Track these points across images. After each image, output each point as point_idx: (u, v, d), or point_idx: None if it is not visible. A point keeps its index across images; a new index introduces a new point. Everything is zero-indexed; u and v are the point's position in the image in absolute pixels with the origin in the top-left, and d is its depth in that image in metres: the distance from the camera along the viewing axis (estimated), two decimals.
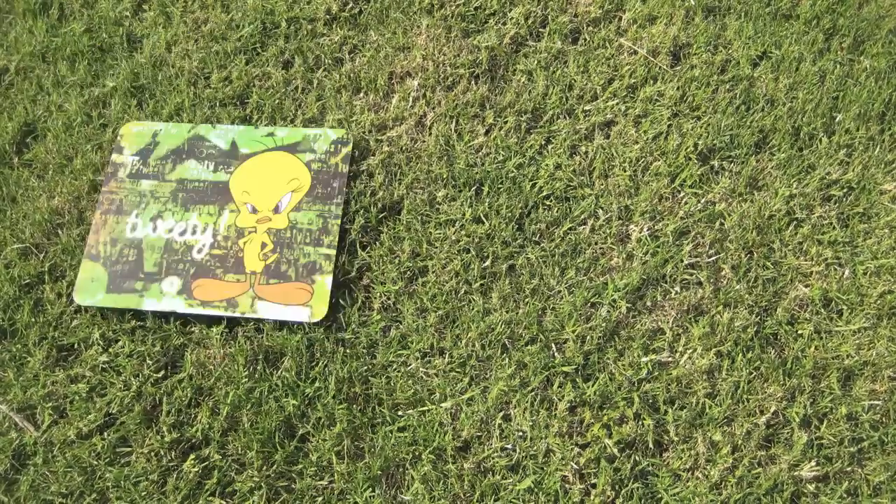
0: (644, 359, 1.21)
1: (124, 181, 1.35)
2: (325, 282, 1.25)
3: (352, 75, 1.50)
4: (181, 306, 1.24)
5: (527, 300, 1.26)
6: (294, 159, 1.36)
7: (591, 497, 1.12)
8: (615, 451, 1.14)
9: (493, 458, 1.15)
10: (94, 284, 1.26)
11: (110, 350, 1.24)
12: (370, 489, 1.13)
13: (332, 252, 1.27)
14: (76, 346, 1.25)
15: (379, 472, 1.14)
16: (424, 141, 1.42)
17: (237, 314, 1.23)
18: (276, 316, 1.23)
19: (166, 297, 1.24)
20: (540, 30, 1.55)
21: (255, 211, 1.31)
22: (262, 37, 1.56)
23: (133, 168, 1.36)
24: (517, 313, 1.25)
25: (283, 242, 1.28)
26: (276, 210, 1.30)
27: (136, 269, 1.27)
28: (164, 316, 1.25)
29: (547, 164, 1.38)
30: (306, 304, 1.24)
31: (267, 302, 1.24)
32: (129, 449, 1.17)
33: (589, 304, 1.26)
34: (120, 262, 1.28)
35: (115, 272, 1.27)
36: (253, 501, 1.12)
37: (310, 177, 1.34)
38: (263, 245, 1.28)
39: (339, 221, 1.30)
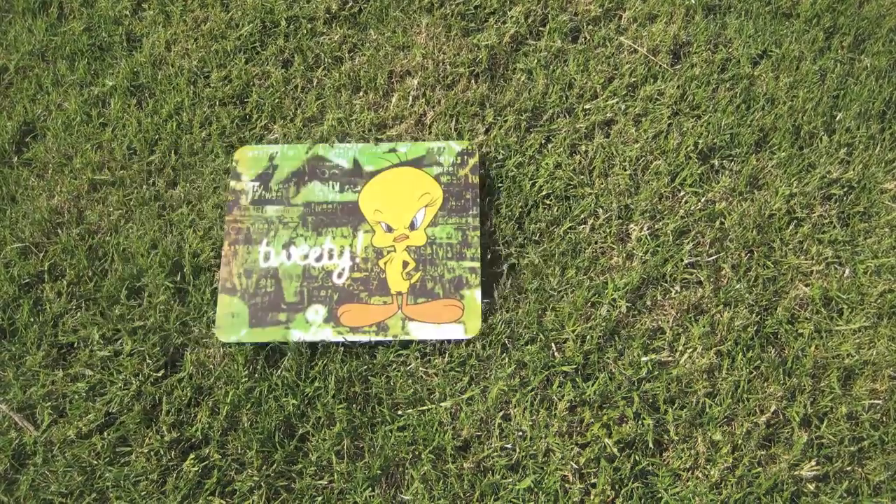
0: (644, 358, 1.21)
1: (248, 209, 1.31)
2: (474, 296, 1.23)
3: (351, 74, 1.50)
4: (329, 335, 1.21)
5: (527, 299, 1.26)
6: (422, 174, 1.33)
7: (591, 497, 1.12)
8: (615, 450, 1.14)
9: (492, 458, 1.14)
10: (235, 320, 1.22)
11: (110, 349, 1.24)
12: (370, 489, 1.13)
13: (477, 265, 1.24)
14: (76, 344, 1.25)
15: (379, 472, 1.14)
16: (424, 140, 1.42)
17: (389, 338, 1.20)
18: (429, 336, 1.20)
19: (313, 327, 1.21)
20: (540, 28, 1.54)
21: (390, 230, 1.28)
22: (262, 36, 1.56)
23: (255, 194, 1.32)
24: (517, 313, 1.25)
25: (425, 259, 1.25)
26: (412, 227, 1.28)
27: (276, 301, 1.24)
28: (313, 346, 1.23)
29: (547, 163, 1.38)
30: (459, 321, 1.21)
31: (418, 322, 1.21)
32: (128, 448, 1.17)
33: (589, 304, 1.26)
34: (259, 295, 1.24)
35: (254, 305, 1.23)
36: (252, 501, 1.12)
37: (441, 191, 1.31)
38: (405, 264, 1.25)
39: (478, 233, 1.27)
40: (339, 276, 1.25)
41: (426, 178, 1.32)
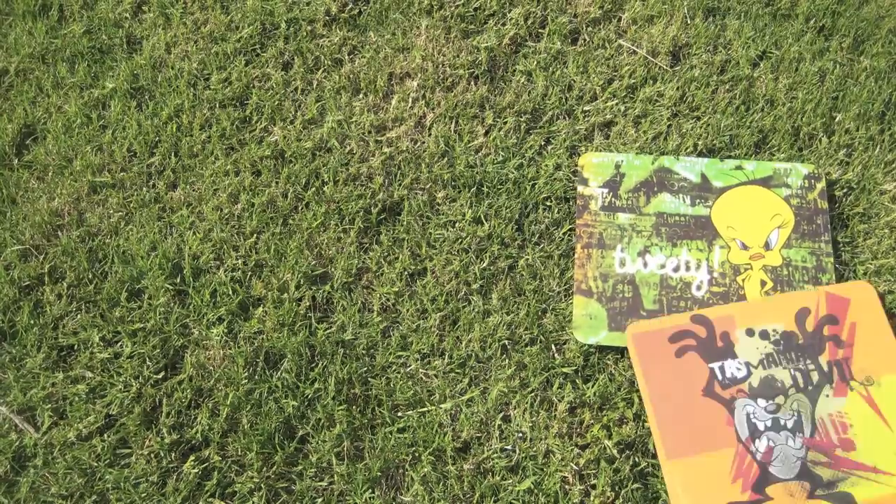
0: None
1: (598, 214, 1.31)
2: None
3: (351, 76, 1.50)
4: None
5: (527, 301, 1.26)
6: (770, 194, 1.32)
7: (591, 498, 1.12)
8: (615, 451, 1.14)
9: (492, 459, 1.15)
10: (593, 322, 1.22)
11: (110, 351, 1.24)
12: (370, 490, 1.13)
13: None
14: (76, 347, 1.25)
15: (379, 474, 1.14)
16: (424, 142, 1.42)
17: None
18: None
19: None
20: (539, 30, 1.55)
21: (745, 247, 1.27)
22: (262, 38, 1.56)
23: (604, 201, 1.32)
24: (517, 315, 1.25)
25: (782, 280, 1.25)
26: (767, 247, 1.27)
27: (635, 307, 1.24)
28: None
29: (546, 165, 1.38)
30: None
31: None
32: (128, 450, 1.17)
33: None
34: (616, 299, 1.24)
35: (612, 309, 1.24)
36: (253, 502, 1.12)
37: (792, 213, 1.30)
38: (763, 283, 1.24)
39: (831, 259, 1.27)
40: (699, 288, 1.25)
41: (776, 198, 1.32)
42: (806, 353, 1.16)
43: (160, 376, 1.22)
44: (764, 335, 1.17)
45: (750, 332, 1.18)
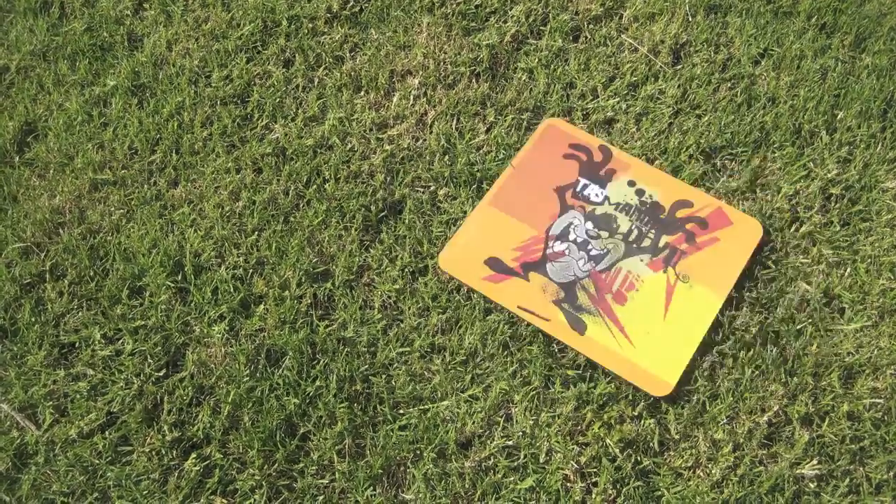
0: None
1: None
2: None
3: (352, 73, 1.50)
4: None
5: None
6: None
7: (593, 496, 1.12)
8: (616, 450, 1.14)
9: (494, 457, 1.15)
10: None
11: (111, 348, 1.24)
12: (371, 488, 1.13)
13: None
14: (77, 344, 1.25)
15: (380, 471, 1.14)
16: (425, 139, 1.42)
17: None
18: None
19: None
20: (541, 28, 1.54)
21: None
22: (263, 35, 1.56)
23: None
24: None
25: None
26: None
27: None
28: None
29: None
30: None
31: None
32: (130, 448, 1.17)
33: None
34: None
35: None
36: (254, 500, 1.12)
37: None
38: None
39: None
40: None
41: None
42: (656, 226, 1.26)
43: (161, 374, 1.22)
44: (640, 193, 1.29)
45: (631, 184, 1.29)
